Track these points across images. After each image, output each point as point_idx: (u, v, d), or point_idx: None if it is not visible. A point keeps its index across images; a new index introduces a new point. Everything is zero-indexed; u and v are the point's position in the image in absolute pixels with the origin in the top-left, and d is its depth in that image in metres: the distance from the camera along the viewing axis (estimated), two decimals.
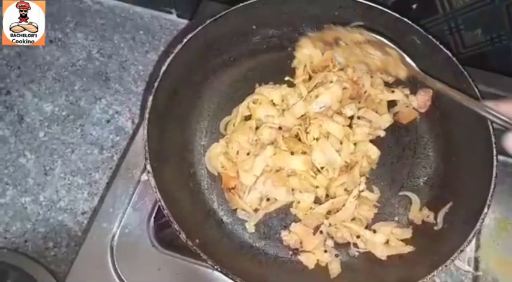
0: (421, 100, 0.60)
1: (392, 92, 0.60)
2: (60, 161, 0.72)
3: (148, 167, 0.49)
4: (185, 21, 0.82)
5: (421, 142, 0.61)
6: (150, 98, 0.52)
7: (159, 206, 0.57)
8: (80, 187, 0.70)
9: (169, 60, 0.54)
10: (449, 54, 0.55)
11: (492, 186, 0.50)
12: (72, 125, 0.74)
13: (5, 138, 0.72)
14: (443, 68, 0.56)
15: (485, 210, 0.50)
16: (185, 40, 0.55)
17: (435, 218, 0.56)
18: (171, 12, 0.82)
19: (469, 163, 0.56)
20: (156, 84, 0.53)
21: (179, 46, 0.55)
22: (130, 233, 0.55)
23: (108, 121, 0.75)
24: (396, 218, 0.57)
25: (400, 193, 0.58)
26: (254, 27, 0.62)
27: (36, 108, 0.75)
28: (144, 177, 0.58)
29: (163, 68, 0.54)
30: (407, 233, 0.55)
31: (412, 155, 0.60)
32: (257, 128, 0.58)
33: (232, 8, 0.57)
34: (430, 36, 0.56)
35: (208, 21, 0.56)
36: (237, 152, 0.57)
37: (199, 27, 0.56)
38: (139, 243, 0.55)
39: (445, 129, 0.60)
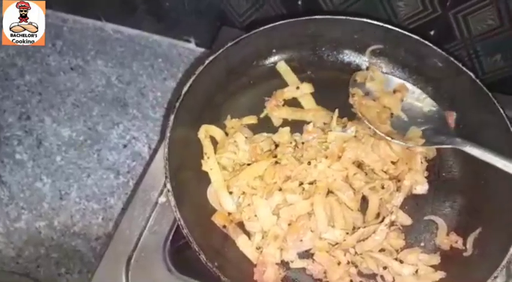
0: None
1: None
2: (75, 185, 0.71)
3: (169, 186, 0.48)
4: (203, 50, 0.83)
5: (445, 165, 0.59)
6: (172, 117, 0.52)
7: (176, 229, 0.56)
8: (94, 212, 0.69)
9: (191, 81, 0.54)
10: (473, 76, 0.55)
11: None
12: (89, 149, 0.74)
13: (23, 162, 0.72)
14: (467, 90, 0.56)
15: None
16: (207, 62, 0.56)
17: (464, 244, 0.53)
18: (189, 41, 0.84)
19: (499, 187, 0.54)
20: (177, 104, 0.53)
21: (201, 68, 0.55)
22: (146, 257, 0.54)
23: (125, 146, 0.75)
24: (422, 244, 0.55)
25: (425, 218, 0.56)
26: (274, 50, 0.63)
27: (54, 133, 0.75)
28: (162, 199, 0.57)
29: (185, 89, 0.54)
30: (435, 259, 0.52)
31: (436, 178, 0.58)
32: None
33: (254, 31, 0.58)
34: (451, 58, 0.56)
35: (229, 44, 0.57)
36: (242, 192, 0.55)
37: (221, 50, 0.56)
38: (155, 268, 0.53)
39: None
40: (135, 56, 0.83)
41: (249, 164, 0.56)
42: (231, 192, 0.54)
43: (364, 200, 0.55)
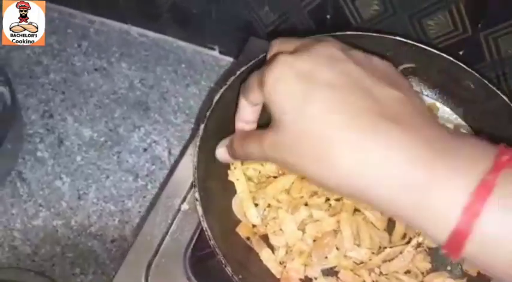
0: None
1: None
2: (94, 186, 0.71)
3: (197, 195, 0.48)
4: (227, 58, 0.84)
5: None
6: (202, 126, 0.52)
7: (197, 238, 0.55)
8: (111, 214, 0.69)
9: (222, 90, 0.54)
10: (506, 99, 0.54)
11: None
12: (109, 151, 0.74)
13: (43, 160, 0.72)
14: (499, 114, 0.55)
15: None
16: (238, 72, 0.55)
17: None
18: (214, 49, 0.84)
19: None
20: (208, 113, 0.53)
21: (232, 78, 0.55)
22: (167, 264, 0.53)
23: (145, 150, 0.75)
24: (449, 268, 0.54)
25: None
26: None
27: (75, 133, 0.75)
28: (185, 206, 0.57)
29: (216, 98, 0.54)
30: None
31: None
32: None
33: None
34: (485, 81, 0.56)
35: (261, 56, 0.56)
36: (268, 205, 0.54)
37: (253, 61, 0.56)
38: (175, 275, 0.53)
39: None
40: (159, 60, 0.83)
41: (275, 177, 0.55)
42: (256, 204, 0.54)
43: (391, 220, 0.54)
